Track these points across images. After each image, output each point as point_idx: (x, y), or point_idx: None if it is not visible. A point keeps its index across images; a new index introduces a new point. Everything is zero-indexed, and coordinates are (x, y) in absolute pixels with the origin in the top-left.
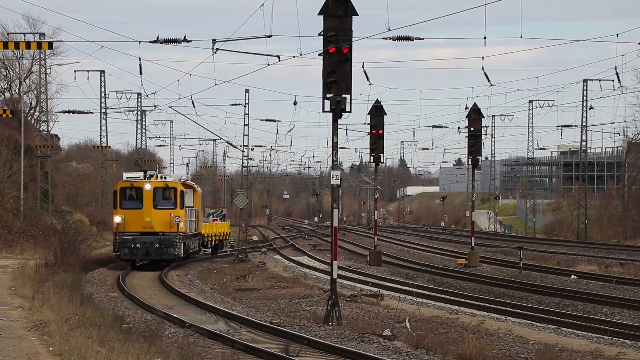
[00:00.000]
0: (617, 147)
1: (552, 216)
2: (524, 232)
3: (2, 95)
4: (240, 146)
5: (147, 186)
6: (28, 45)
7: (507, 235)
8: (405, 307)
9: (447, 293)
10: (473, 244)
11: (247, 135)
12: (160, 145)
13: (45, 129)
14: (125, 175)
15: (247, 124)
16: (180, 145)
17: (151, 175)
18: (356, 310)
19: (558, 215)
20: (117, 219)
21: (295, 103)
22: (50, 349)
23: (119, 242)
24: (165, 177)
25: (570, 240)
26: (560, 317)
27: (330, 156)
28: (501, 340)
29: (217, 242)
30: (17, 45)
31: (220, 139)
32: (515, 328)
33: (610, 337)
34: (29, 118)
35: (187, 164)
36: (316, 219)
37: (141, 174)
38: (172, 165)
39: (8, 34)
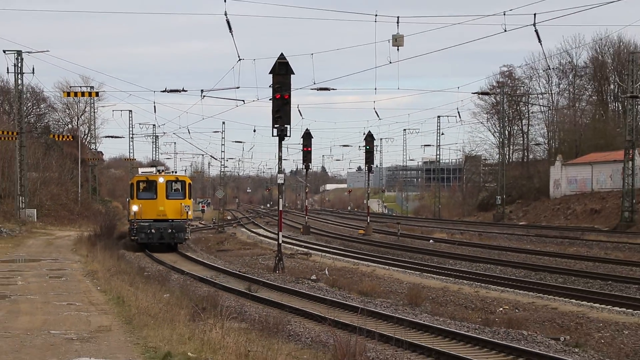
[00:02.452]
0: (459, 159)
1: (418, 203)
2: (401, 213)
3: (67, 127)
4: (219, 158)
5: (161, 179)
6: (83, 94)
7: (390, 215)
8: (325, 261)
9: (352, 252)
10: (368, 221)
11: (224, 151)
12: (168, 158)
13: (94, 148)
14: (141, 170)
15: (224, 144)
16: (180, 158)
17: (162, 170)
18: (294, 263)
19: (422, 202)
20: (135, 207)
21: (254, 131)
22: (98, 288)
23: (136, 228)
24: (175, 172)
25: (429, 218)
26: (423, 266)
27: (277, 165)
28: (386, 281)
29: None
30: (75, 94)
31: (206, 154)
32: (394, 273)
33: (454, 279)
34: (84, 141)
35: (185, 170)
36: (268, 205)
37: (154, 169)
38: (175, 172)
39: (70, 87)
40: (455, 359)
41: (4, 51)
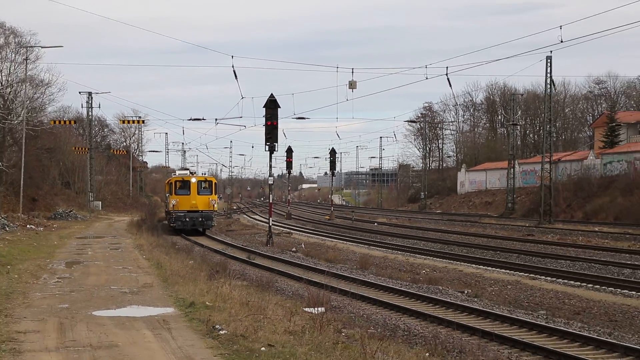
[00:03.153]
0: (395, 167)
1: (366, 197)
2: (354, 204)
3: (122, 144)
4: (228, 166)
5: (193, 179)
6: (133, 122)
7: (347, 206)
8: (302, 238)
9: (320, 231)
10: (332, 209)
11: (231, 161)
12: (192, 166)
13: (141, 159)
14: (178, 172)
15: (231, 156)
16: (201, 166)
17: (193, 173)
18: (280, 239)
19: (369, 197)
20: (173, 201)
21: (252, 147)
22: (144, 256)
23: (174, 217)
24: (204, 174)
25: (374, 208)
26: (370, 242)
27: (268, 171)
28: (344, 252)
29: None
30: (128, 122)
31: (219, 163)
32: (350, 247)
33: (391, 250)
34: (134, 154)
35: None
36: (262, 199)
37: (188, 172)
38: (205, 173)
39: (124, 116)
40: (391, 306)
41: (79, 92)
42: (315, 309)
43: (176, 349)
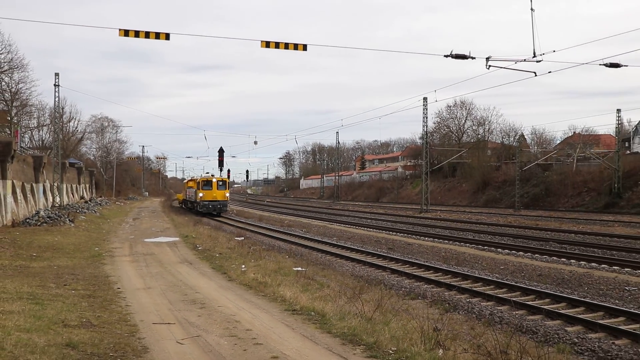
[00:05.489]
0: (274, 177)
1: (262, 190)
2: (256, 194)
3: (157, 167)
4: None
5: (214, 179)
6: (162, 158)
7: (253, 195)
8: (234, 208)
9: (242, 205)
10: (247, 196)
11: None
12: (204, 175)
13: (165, 174)
14: (203, 174)
15: (202, 174)
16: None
17: (213, 175)
18: (243, 213)
19: (263, 190)
20: (200, 194)
21: (212, 169)
22: (166, 216)
23: (201, 205)
24: (221, 175)
25: (266, 195)
26: (263, 209)
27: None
28: (252, 214)
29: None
30: (160, 158)
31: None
32: (255, 211)
33: (274, 213)
34: (162, 172)
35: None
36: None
37: (210, 174)
38: (220, 175)
39: (157, 156)
40: (272, 236)
41: (139, 145)
42: (240, 238)
43: (179, 255)
